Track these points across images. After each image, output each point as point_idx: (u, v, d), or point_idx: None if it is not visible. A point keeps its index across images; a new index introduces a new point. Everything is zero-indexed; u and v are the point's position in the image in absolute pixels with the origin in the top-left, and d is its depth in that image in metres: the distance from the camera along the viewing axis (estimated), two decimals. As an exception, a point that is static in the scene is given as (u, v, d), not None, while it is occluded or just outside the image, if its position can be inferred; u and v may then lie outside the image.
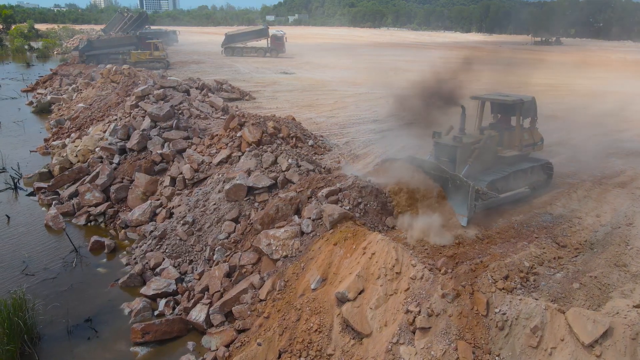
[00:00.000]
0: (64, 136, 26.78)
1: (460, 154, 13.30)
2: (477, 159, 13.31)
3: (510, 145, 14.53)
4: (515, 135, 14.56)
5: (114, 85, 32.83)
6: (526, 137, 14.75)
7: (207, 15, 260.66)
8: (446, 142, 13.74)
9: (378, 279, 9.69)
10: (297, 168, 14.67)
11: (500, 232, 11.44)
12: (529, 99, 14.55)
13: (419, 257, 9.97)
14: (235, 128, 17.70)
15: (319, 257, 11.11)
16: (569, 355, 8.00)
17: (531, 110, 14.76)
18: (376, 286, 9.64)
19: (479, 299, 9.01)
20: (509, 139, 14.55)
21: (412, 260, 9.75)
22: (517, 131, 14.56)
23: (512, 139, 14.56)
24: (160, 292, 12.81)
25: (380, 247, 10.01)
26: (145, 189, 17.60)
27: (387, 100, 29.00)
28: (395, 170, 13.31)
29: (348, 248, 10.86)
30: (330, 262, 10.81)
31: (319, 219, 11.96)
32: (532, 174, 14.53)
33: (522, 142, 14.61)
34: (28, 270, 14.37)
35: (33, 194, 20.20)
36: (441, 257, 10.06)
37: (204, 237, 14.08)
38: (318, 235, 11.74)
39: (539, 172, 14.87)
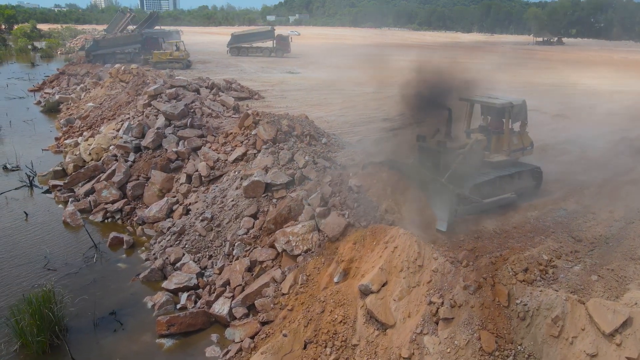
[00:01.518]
0: (76, 135, 27.05)
1: (444, 158, 12.60)
2: (462, 164, 12.50)
3: (498, 150, 13.98)
4: (503, 140, 13.97)
5: (122, 85, 33.12)
6: (515, 142, 14.22)
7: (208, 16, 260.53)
8: (429, 147, 13.11)
9: (401, 272, 9.95)
10: (314, 165, 14.96)
11: (517, 227, 11.70)
12: (519, 102, 13.96)
13: (440, 250, 10.23)
14: (249, 126, 17.97)
15: (340, 252, 11.39)
16: (590, 344, 8.26)
17: (521, 113, 14.18)
18: (399, 279, 9.90)
19: (500, 291, 9.28)
20: (497, 143, 13.97)
21: (434, 254, 10.02)
22: (505, 135, 13.95)
23: (500, 143, 13.99)
24: (181, 286, 13.08)
25: (403, 241, 10.27)
26: (161, 186, 17.87)
27: (395, 99, 29.30)
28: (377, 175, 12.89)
29: (368, 245, 11.13)
30: (352, 257, 11.08)
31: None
32: (519, 180, 13.90)
33: (511, 147, 14.06)
34: (50, 265, 14.64)
35: (49, 192, 20.48)
36: (461, 251, 10.32)
37: (223, 233, 14.35)
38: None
39: (527, 177, 14.25)
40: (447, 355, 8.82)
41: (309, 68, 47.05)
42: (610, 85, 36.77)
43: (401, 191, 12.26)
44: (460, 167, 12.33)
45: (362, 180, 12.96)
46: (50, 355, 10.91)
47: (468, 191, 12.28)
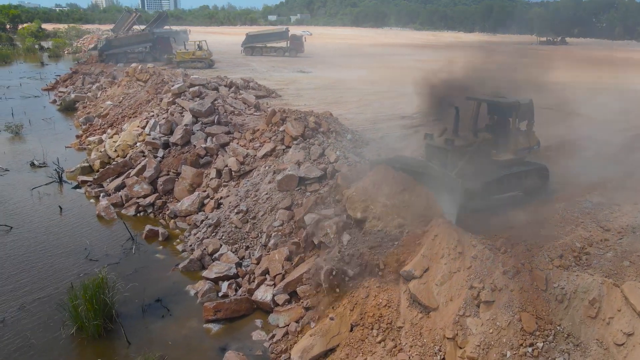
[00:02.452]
0: (98, 132, 27.64)
1: (452, 157, 12.68)
2: (469, 163, 12.51)
3: (505, 149, 13.81)
4: (510, 139, 13.82)
5: (140, 84, 33.68)
6: (522, 141, 14.04)
7: (210, 15, 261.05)
8: (437, 145, 13.24)
9: (442, 258, 10.52)
10: (345, 160, 15.51)
11: (547, 218, 12.23)
12: (527, 101, 13.84)
13: (477, 238, 10.78)
14: (277, 123, 18.53)
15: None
16: (626, 324, 8.81)
17: (528, 112, 14.05)
18: (440, 264, 10.47)
19: (538, 275, 9.83)
20: (504, 142, 13.85)
21: (473, 241, 10.59)
22: (512, 134, 13.80)
23: (507, 142, 13.84)
24: (222, 275, 13.65)
25: (443, 230, 10.84)
26: (192, 181, 18.44)
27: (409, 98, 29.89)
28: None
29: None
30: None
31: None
32: (526, 179, 13.86)
33: (518, 146, 13.89)
34: (91, 256, 15.21)
35: (78, 187, 21.06)
36: (498, 239, 10.87)
37: (258, 225, 14.92)
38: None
39: (534, 176, 14.17)
40: (489, 335, 9.37)
41: (319, 67, 47.63)
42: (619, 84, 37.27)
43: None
44: (468, 166, 12.39)
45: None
46: (105, 338, 11.47)
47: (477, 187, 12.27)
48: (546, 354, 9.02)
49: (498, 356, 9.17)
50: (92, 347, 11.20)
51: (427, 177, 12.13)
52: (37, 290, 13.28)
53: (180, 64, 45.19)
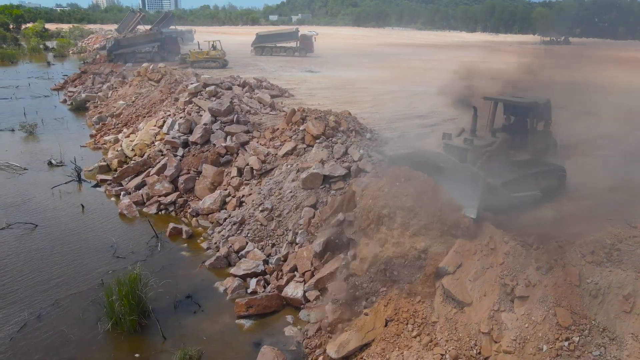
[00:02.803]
0: (112, 132, 27.81)
1: (471, 156, 12.57)
2: (488, 162, 12.38)
3: (523, 149, 13.71)
4: (528, 139, 13.73)
5: (151, 84, 33.83)
6: (539, 141, 13.95)
7: (211, 15, 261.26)
8: (457, 145, 13.14)
9: (474, 255, 10.69)
10: (369, 158, 15.68)
11: (574, 215, 12.40)
12: (544, 101, 13.86)
13: (509, 234, 10.94)
14: (297, 122, 18.70)
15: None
16: (661, 318, 8.99)
17: (546, 112, 14.06)
18: (473, 261, 10.64)
19: (571, 271, 9.99)
20: (521, 142, 13.75)
21: (505, 238, 10.75)
22: (530, 134, 13.69)
23: (524, 143, 13.76)
24: (250, 272, 13.82)
25: (475, 227, 11.00)
26: (213, 180, 18.60)
27: (422, 97, 30.06)
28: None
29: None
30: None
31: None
32: (543, 179, 13.63)
33: (535, 146, 13.82)
34: (118, 253, 15.38)
35: (98, 186, 21.23)
36: (529, 236, 11.03)
37: (284, 222, 15.09)
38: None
39: (551, 177, 14.01)
40: (525, 329, 9.54)
41: (327, 67, 47.77)
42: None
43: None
44: (486, 165, 12.28)
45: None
46: (141, 333, 11.66)
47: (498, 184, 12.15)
48: (582, 348, 9.18)
49: (534, 350, 9.33)
50: (129, 342, 11.39)
51: (448, 171, 11.98)
52: (68, 287, 13.48)
53: (194, 63, 45.29)
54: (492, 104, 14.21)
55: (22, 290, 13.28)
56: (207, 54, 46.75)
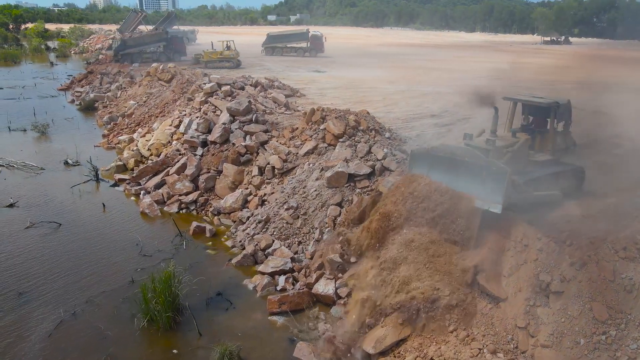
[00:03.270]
0: (125, 132, 27.94)
1: (493, 157, 12.40)
2: (509, 163, 12.17)
3: (543, 149, 13.87)
4: (548, 139, 13.86)
5: (161, 83, 33.96)
6: (559, 141, 14.07)
7: (209, 15, 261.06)
8: (478, 145, 12.92)
9: (508, 251, 10.88)
10: (392, 157, 15.85)
11: (601, 212, 12.59)
12: (565, 102, 13.97)
13: (542, 231, 11.13)
14: (317, 121, 18.86)
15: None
16: (696, 312, 9.19)
17: (566, 113, 14.13)
18: (507, 257, 10.83)
19: (605, 267, 10.18)
20: (541, 142, 13.90)
21: (537, 234, 10.94)
22: (550, 135, 13.84)
23: (544, 143, 13.90)
24: (278, 269, 13.97)
25: (507, 223, 11.20)
26: (233, 179, 18.75)
27: (432, 97, 30.28)
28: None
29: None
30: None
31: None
32: (563, 179, 13.67)
33: (555, 146, 13.94)
34: (144, 252, 15.52)
35: (116, 185, 21.36)
36: (562, 232, 11.22)
37: (310, 221, 15.25)
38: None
39: (571, 177, 14.01)
40: (562, 324, 9.73)
41: (333, 67, 47.96)
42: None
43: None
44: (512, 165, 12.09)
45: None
46: (176, 330, 11.80)
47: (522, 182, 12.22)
48: (619, 342, 9.37)
49: (572, 344, 9.53)
50: (165, 339, 11.53)
51: (472, 165, 11.83)
52: (99, 285, 13.62)
53: (208, 63, 45.55)
54: (512, 104, 14.37)
55: (55, 288, 13.41)
56: (220, 54, 46.95)
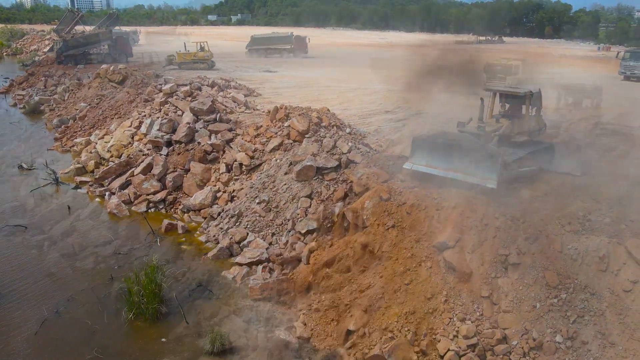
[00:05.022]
0: (80, 134, 27.54)
1: (484, 140, 14.87)
2: (497, 144, 14.81)
3: (521, 131, 16.04)
4: (524, 123, 16.14)
5: (112, 85, 33.54)
6: (533, 124, 16.48)
7: (147, 15, 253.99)
8: (471, 131, 15.41)
9: (470, 230, 12.09)
10: (357, 150, 16.85)
11: (547, 194, 14.05)
12: (537, 91, 16.42)
13: (499, 211, 12.43)
14: (282, 119, 19.60)
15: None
16: (631, 274, 10.70)
17: (538, 100, 16.54)
18: (470, 235, 12.04)
19: (554, 239, 11.59)
20: (519, 125, 16.06)
21: (496, 214, 12.23)
22: (526, 119, 16.18)
23: (522, 126, 16.12)
24: (255, 259, 14.65)
25: (469, 205, 12.44)
26: (201, 177, 19.18)
27: (384, 94, 31.64)
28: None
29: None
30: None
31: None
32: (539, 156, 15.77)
33: (531, 128, 16.29)
34: (119, 250, 15.75)
35: (78, 187, 21.21)
36: (516, 211, 12.57)
37: (282, 213, 15.99)
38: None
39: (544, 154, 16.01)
40: (520, 291, 11.02)
41: (283, 67, 48.62)
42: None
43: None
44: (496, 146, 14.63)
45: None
46: (162, 320, 12.26)
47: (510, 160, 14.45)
48: (570, 303, 10.76)
49: (529, 308, 10.83)
50: (154, 329, 11.99)
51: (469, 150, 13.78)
52: (78, 283, 13.83)
53: (181, 65, 44.90)
54: (492, 94, 16.70)
55: (33, 289, 13.52)
56: (195, 55, 46.18)
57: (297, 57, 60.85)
